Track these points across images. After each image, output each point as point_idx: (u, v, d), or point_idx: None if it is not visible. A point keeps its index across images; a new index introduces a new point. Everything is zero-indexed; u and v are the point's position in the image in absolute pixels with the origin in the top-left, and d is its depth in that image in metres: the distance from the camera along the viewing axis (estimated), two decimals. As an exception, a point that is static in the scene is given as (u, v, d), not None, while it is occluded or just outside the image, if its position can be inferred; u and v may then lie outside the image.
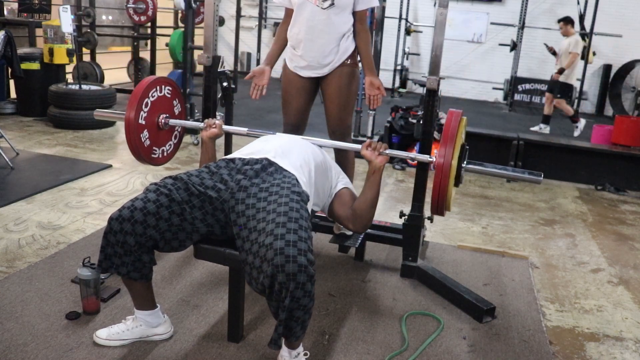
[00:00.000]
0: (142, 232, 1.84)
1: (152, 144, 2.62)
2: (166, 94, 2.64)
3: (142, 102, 2.49)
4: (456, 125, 2.27)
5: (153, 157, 2.65)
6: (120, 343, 2.02)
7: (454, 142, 2.25)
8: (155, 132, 2.62)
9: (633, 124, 5.54)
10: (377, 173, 2.19)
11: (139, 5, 7.49)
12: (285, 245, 1.67)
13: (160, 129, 2.64)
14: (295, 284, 1.63)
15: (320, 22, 2.51)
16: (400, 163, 5.13)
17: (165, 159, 2.76)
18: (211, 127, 2.42)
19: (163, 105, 2.64)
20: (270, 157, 2.07)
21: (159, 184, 1.95)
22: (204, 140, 2.43)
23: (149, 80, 2.56)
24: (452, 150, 2.23)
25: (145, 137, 2.56)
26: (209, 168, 2.05)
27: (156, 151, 2.67)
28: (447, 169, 2.22)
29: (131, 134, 2.47)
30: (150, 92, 2.53)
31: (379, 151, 2.20)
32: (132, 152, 2.56)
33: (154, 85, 2.56)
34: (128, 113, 2.46)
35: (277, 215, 1.77)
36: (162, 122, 2.62)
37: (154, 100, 2.56)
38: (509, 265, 3.06)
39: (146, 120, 2.53)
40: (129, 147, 2.53)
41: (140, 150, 2.55)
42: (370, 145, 2.22)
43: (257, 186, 1.92)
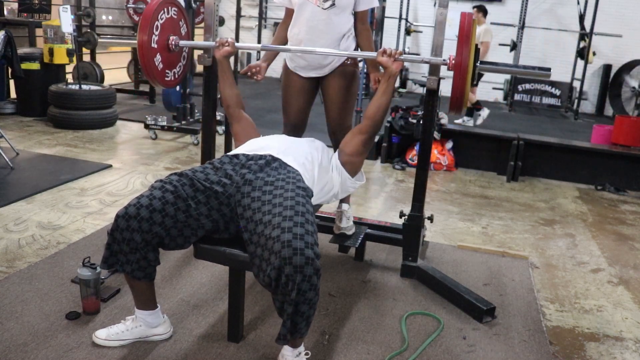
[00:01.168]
0: (148, 229, 1.85)
1: (165, 67, 2.65)
2: (173, 15, 2.65)
3: (153, 25, 2.51)
4: (470, 26, 2.29)
5: (166, 79, 2.70)
6: (119, 343, 2.02)
7: (470, 41, 2.27)
8: (166, 54, 2.64)
9: (633, 124, 5.54)
10: (392, 78, 2.31)
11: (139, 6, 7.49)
12: (293, 238, 1.68)
13: (171, 51, 2.66)
14: (302, 277, 1.64)
15: (320, 23, 2.51)
16: (400, 163, 5.14)
17: (176, 81, 2.80)
18: (224, 46, 2.49)
19: (171, 26, 2.65)
20: (273, 153, 2.08)
21: (164, 181, 1.96)
22: (219, 60, 2.50)
23: (157, 2, 2.56)
24: (469, 50, 2.27)
25: (159, 60, 2.58)
26: (213, 164, 2.06)
27: (169, 74, 2.70)
28: (465, 67, 2.26)
29: (145, 57, 2.50)
30: (159, 14, 2.54)
31: (394, 57, 2.31)
32: (147, 77, 2.60)
33: (162, 7, 2.57)
34: (141, 36, 2.47)
35: (283, 208, 1.78)
36: (173, 43, 2.63)
37: (162, 22, 2.57)
38: (509, 265, 3.06)
39: (158, 43, 2.56)
40: (144, 71, 2.57)
41: (155, 74, 2.58)
42: (385, 52, 2.31)
43: (262, 180, 1.93)
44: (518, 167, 4.97)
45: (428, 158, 2.66)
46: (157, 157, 4.77)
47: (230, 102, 2.48)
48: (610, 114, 9.58)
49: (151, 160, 4.65)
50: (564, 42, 9.94)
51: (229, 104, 2.48)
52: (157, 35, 2.54)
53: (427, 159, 2.66)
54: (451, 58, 2.32)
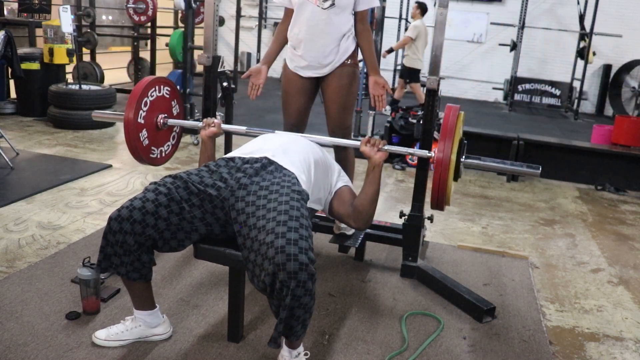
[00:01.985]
0: (141, 231, 1.84)
1: (151, 143, 2.62)
2: (165, 94, 2.65)
3: (142, 101, 2.50)
4: (454, 120, 2.27)
5: (152, 157, 2.66)
6: (119, 344, 2.02)
7: (453, 136, 2.26)
8: (154, 132, 2.62)
9: (633, 124, 5.54)
10: (377, 169, 2.20)
11: (139, 5, 7.49)
12: (287, 243, 1.67)
13: (159, 129, 2.64)
14: (296, 282, 1.63)
15: (320, 22, 2.51)
16: (400, 163, 5.13)
17: (163, 159, 2.76)
18: (210, 126, 2.42)
19: (162, 105, 2.64)
20: (269, 155, 2.07)
21: (158, 183, 1.95)
22: (203, 140, 2.43)
23: (147, 80, 2.57)
24: (451, 145, 2.24)
25: (144, 136, 2.56)
26: (209, 167, 2.05)
27: (155, 151, 2.67)
28: (446, 163, 2.23)
29: (130, 133, 2.47)
30: (149, 91, 2.53)
31: (377, 147, 2.21)
32: (131, 152, 2.56)
33: (153, 85, 2.56)
34: (127, 112, 2.46)
35: (277, 213, 1.77)
36: (161, 122, 2.62)
37: (152, 100, 2.56)
38: (509, 265, 3.06)
39: (145, 119, 2.54)
40: (128, 146, 2.53)
41: (139, 149, 2.55)
42: (369, 142, 2.23)
43: (257, 184, 1.92)
44: (518, 167, 4.97)
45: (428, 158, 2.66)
46: (157, 157, 4.77)
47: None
48: (610, 114, 9.58)
49: (151, 160, 4.65)
50: (564, 42, 9.94)
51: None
52: (145, 112, 2.53)
53: (427, 159, 2.65)
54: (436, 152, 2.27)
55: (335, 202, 2.27)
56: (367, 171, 2.22)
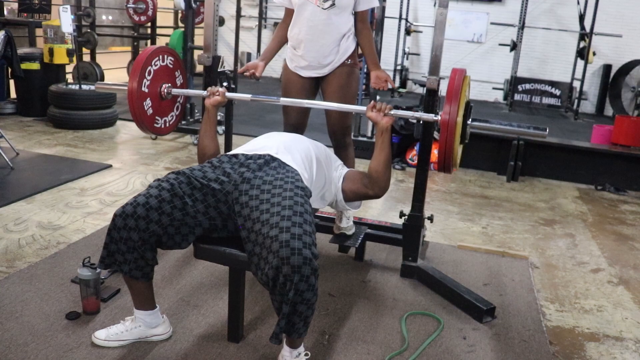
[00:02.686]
0: (145, 227, 1.85)
1: (155, 113, 2.63)
2: (168, 64, 2.65)
3: (145, 70, 2.50)
4: (460, 83, 2.26)
5: (156, 126, 2.67)
6: (118, 344, 2.02)
7: (459, 99, 2.24)
8: (157, 101, 2.63)
9: (633, 124, 5.54)
10: (385, 134, 2.24)
11: (139, 5, 7.50)
12: (291, 238, 1.68)
13: (163, 99, 2.65)
14: (300, 277, 1.64)
15: (320, 23, 2.51)
16: (400, 163, 5.14)
17: (167, 129, 2.77)
18: (214, 95, 2.45)
19: (165, 75, 2.65)
20: (273, 153, 2.08)
21: (161, 180, 1.96)
22: (207, 108, 2.45)
23: (151, 49, 2.57)
24: (457, 107, 2.23)
25: (148, 105, 2.57)
26: (212, 162, 2.07)
27: (159, 121, 2.68)
28: (452, 125, 2.22)
29: (134, 102, 2.48)
30: (152, 60, 2.54)
31: (384, 112, 2.25)
32: (135, 121, 2.57)
33: (157, 54, 2.57)
34: (131, 81, 2.47)
35: (282, 208, 1.78)
36: (165, 91, 2.63)
37: (156, 69, 2.57)
38: (509, 265, 3.06)
39: (149, 88, 2.54)
40: (132, 115, 2.53)
41: (144, 119, 2.55)
42: (375, 107, 2.27)
43: (261, 179, 1.93)
44: (518, 167, 4.97)
45: (428, 158, 2.66)
46: (157, 157, 4.77)
47: (207, 151, 2.37)
48: (610, 114, 9.58)
49: (151, 160, 4.65)
50: (564, 42, 9.94)
51: (205, 152, 2.37)
52: (149, 81, 2.53)
53: (427, 159, 2.66)
54: (442, 114, 2.27)
55: (347, 184, 2.32)
56: (376, 137, 2.28)
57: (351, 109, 2.57)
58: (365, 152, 4.61)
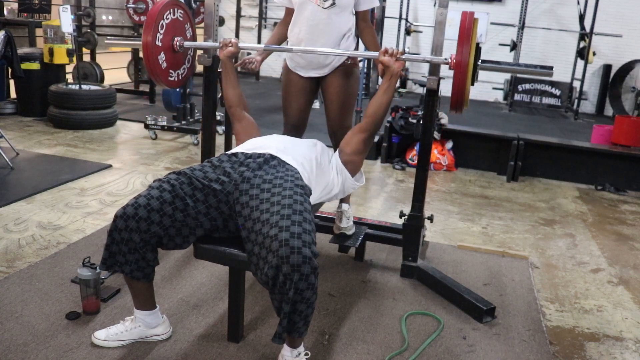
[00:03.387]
0: (146, 229, 1.85)
1: (169, 66, 2.66)
2: (179, 17, 2.67)
3: (158, 23, 2.52)
4: (471, 25, 2.30)
5: (170, 79, 2.71)
6: (118, 344, 2.02)
7: (470, 40, 2.28)
8: (171, 54, 2.66)
9: (633, 124, 5.54)
10: (394, 78, 2.31)
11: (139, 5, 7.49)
12: (290, 237, 1.68)
13: (176, 52, 2.68)
14: (300, 275, 1.64)
15: (321, 22, 2.51)
16: (400, 163, 5.13)
17: (180, 82, 2.81)
18: (227, 46, 2.50)
19: (177, 27, 2.67)
20: (272, 152, 2.09)
21: (163, 180, 1.96)
22: (222, 60, 2.52)
23: (162, 2, 2.58)
24: (469, 48, 2.27)
25: (162, 59, 2.60)
26: (212, 162, 2.07)
27: (172, 74, 2.71)
28: (464, 66, 2.27)
29: (149, 56, 2.51)
30: (164, 14, 2.56)
31: (396, 56, 2.31)
32: (150, 75, 2.61)
33: (168, 7, 2.58)
34: (145, 35, 2.49)
35: (281, 207, 1.78)
36: (177, 44, 2.66)
37: (168, 22, 2.59)
38: (509, 265, 3.06)
39: (162, 42, 2.57)
40: (148, 69, 2.57)
41: (159, 72, 2.59)
42: (387, 52, 2.32)
43: (261, 177, 1.93)
44: (518, 167, 4.97)
45: (428, 158, 2.66)
46: (157, 157, 4.77)
47: (232, 102, 2.48)
48: (610, 114, 9.58)
49: (151, 160, 4.65)
50: (564, 42, 9.94)
51: (231, 104, 2.49)
52: (162, 34, 2.56)
53: (427, 159, 2.66)
54: (452, 57, 2.32)
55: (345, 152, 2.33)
56: (384, 80, 2.33)
57: (363, 55, 2.67)
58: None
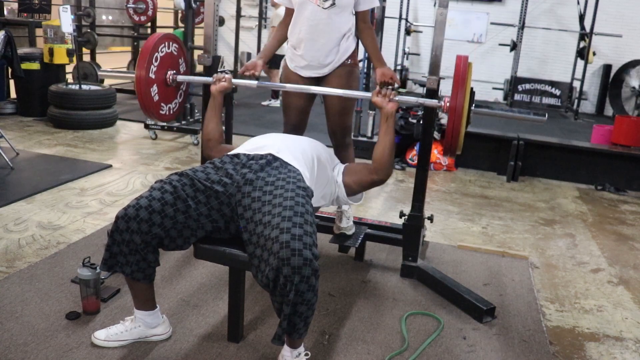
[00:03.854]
0: (147, 230, 1.85)
1: (161, 99, 2.67)
2: (173, 51, 2.70)
3: (153, 56, 2.54)
4: (465, 70, 2.31)
5: (161, 113, 2.71)
6: (118, 344, 2.02)
7: (465, 85, 2.29)
8: (163, 87, 2.67)
9: (633, 124, 5.54)
10: (390, 119, 2.29)
11: (139, 5, 7.49)
12: (291, 238, 1.68)
13: (168, 86, 2.69)
14: (300, 278, 1.64)
15: (321, 22, 2.51)
16: (400, 163, 5.13)
17: (171, 116, 2.82)
18: (221, 81, 2.48)
19: (170, 61, 2.69)
20: (274, 152, 2.08)
21: (164, 181, 1.96)
22: (213, 94, 2.50)
23: (158, 35, 2.62)
24: (464, 93, 2.28)
25: (155, 92, 2.61)
26: (214, 163, 2.06)
27: (164, 107, 2.72)
28: (459, 111, 2.27)
29: (142, 88, 2.52)
30: (159, 47, 2.58)
31: (389, 98, 2.29)
32: (142, 108, 2.62)
33: (163, 41, 2.61)
34: (139, 68, 2.51)
35: (283, 209, 1.78)
36: (170, 78, 2.67)
37: (162, 55, 2.61)
38: (509, 265, 3.06)
39: (156, 75, 2.59)
40: (140, 101, 2.58)
41: (151, 105, 2.60)
42: (380, 92, 2.31)
43: (263, 180, 1.93)
44: (518, 167, 4.97)
45: (428, 158, 2.66)
46: (157, 157, 4.77)
47: (211, 135, 2.45)
48: (610, 114, 9.58)
49: (151, 160, 4.65)
50: (564, 42, 9.94)
51: (210, 137, 2.45)
52: (156, 67, 2.58)
53: (427, 159, 2.66)
54: (446, 100, 2.33)
55: (349, 177, 2.33)
56: (381, 122, 2.31)
57: (357, 95, 2.62)
58: (365, 152, 4.60)
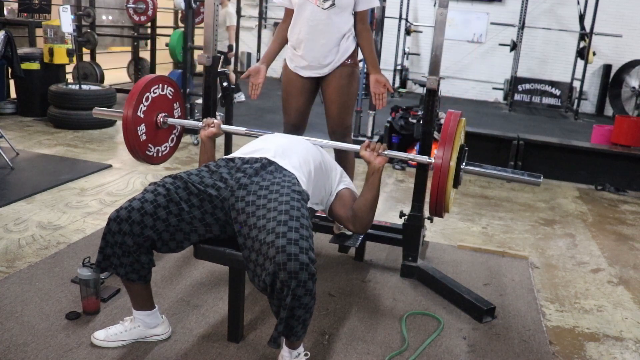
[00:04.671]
0: (139, 232, 1.84)
1: (148, 140, 2.62)
2: (168, 94, 2.66)
3: (143, 95, 2.51)
4: (455, 126, 2.25)
5: (148, 154, 2.66)
6: (118, 344, 2.01)
7: (452, 143, 2.23)
8: (153, 129, 2.62)
9: (633, 124, 5.54)
10: (377, 174, 2.18)
11: (139, 5, 7.50)
12: (287, 243, 1.67)
13: (159, 128, 2.65)
14: (297, 282, 1.63)
15: (320, 22, 2.51)
16: (401, 163, 5.13)
17: (160, 159, 2.75)
18: (210, 127, 2.43)
19: (163, 104, 2.65)
20: (269, 156, 2.07)
21: (158, 184, 1.95)
22: (202, 140, 2.44)
23: (152, 76, 2.59)
24: (451, 152, 2.22)
25: (142, 131, 2.56)
26: (209, 167, 2.06)
27: (151, 149, 2.67)
28: (445, 170, 2.21)
29: (128, 126, 2.47)
30: (152, 87, 2.55)
31: (377, 152, 2.20)
32: (127, 146, 2.55)
33: (156, 82, 2.58)
34: (126, 107, 2.47)
35: (278, 213, 1.77)
36: (161, 120, 2.63)
37: (155, 97, 2.57)
38: (509, 265, 3.06)
39: (145, 114, 2.54)
40: (125, 139, 2.51)
41: (135, 144, 2.54)
42: (369, 146, 2.22)
43: (257, 184, 1.92)
44: (518, 167, 4.97)
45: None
46: (157, 157, 4.77)
47: None
48: (610, 114, 9.58)
49: (151, 160, 4.64)
50: (564, 42, 9.94)
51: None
52: (146, 107, 2.53)
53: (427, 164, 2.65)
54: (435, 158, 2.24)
55: (336, 204, 2.27)
56: (367, 176, 2.20)
57: (344, 147, 2.54)
58: (365, 152, 4.60)
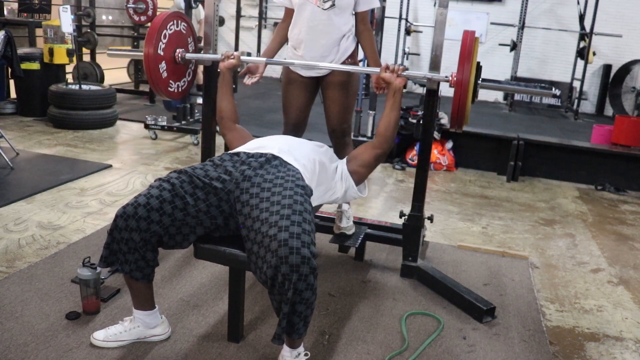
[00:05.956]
0: (146, 227, 1.85)
1: (169, 77, 2.68)
2: (182, 29, 2.71)
3: (161, 33, 2.55)
4: (472, 45, 2.32)
5: (169, 90, 2.72)
6: (117, 344, 2.02)
7: (471, 60, 2.30)
8: (172, 65, 2.68)
9: (633, 124, 5.54)
10: (398, 94, 2.33)
11: (139, 5, 7.49)
12: (289, 237, 1.68)
13: (177, 63, 2.70)
14: (298, 276, 1.64)
15: (321, 23, 2.51)
16: (400, 163, 5.13)
17: (180, 94, 2.83)
18: (229, 58, 2.52)
19: (179, 40, 2.70)
20: (274, 151, 2.09)
21: (163, 179, 1.97)
22: (222, 71, 2.54)
23: (166, 13, 2.63)
24: (470, 67, 2.30)
25: (163, 69, 2.62)
26: (213, 161, 2.07)
27: (172, 85, 2.73)
28: (465, 85, 2.29)
29: (150, 64, 2.53)
30: (168, 24, 2.59)
31: (397, 73, 2.34)
32: (150, 84, 2.65)
33: (171, 18, 2.62)
34: (147, 45, 2.52)
35: (281, 207, 1.79)
36: (179, 56, 2.68)
37: (171, 33, 2.62)
38: (509, 265, 3.06)
39: (164, 51, 2.60)
40: (148, 78, 2.60)
41: (159, 82, 2.61)
42: (388, 68, 2.35)
43: (262, 177, 1.94)
44: (518, 167, 4.97)
45: (428, 158, 2.66)
46: (157, 157, 4.77)
47: (224, 114, 2.48)
48: (610, 114, 9.58)
49: (151, 160, 4.65)
50: (564, 42, 9.94)
51: (223, 115, 2.48)
52: (165, 44, 2.59)
53: (427, 159, 2.66)
54: (453, 75, 2.35)
55: (354, 163, 2.34)
56: (387, 97, 2.35)
57: (364, 71, 2.71)
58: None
